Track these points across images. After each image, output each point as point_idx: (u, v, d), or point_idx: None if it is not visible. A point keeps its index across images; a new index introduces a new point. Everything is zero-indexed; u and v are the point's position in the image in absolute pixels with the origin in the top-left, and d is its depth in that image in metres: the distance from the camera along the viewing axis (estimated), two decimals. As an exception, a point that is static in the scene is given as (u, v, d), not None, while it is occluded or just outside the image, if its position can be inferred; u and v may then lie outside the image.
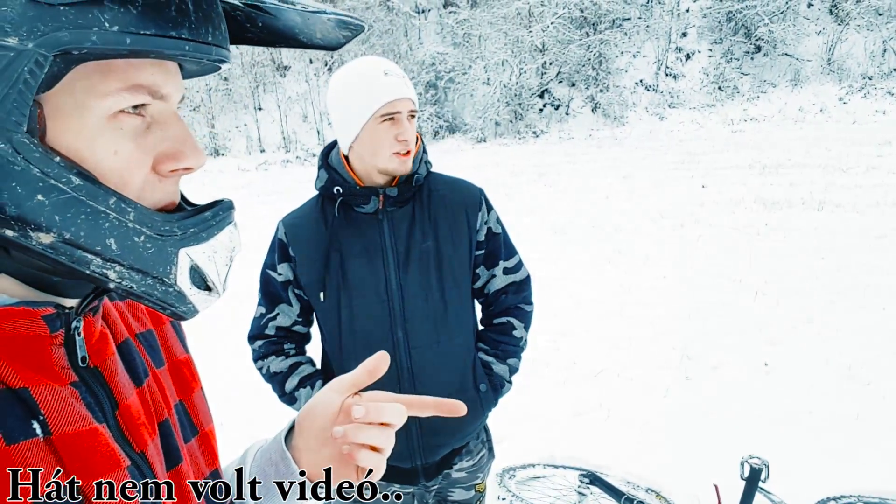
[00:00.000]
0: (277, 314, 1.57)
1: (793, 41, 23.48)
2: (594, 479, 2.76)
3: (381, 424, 0.65)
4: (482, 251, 1.58)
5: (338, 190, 1.47)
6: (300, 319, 1.58)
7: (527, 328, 1.65)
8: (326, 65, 25.71)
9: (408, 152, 1.43)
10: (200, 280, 0.53)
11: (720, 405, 3.65)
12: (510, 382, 1.62)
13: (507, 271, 1.62)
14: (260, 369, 1.59)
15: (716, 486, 2.07)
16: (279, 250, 1.53)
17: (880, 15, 22.98)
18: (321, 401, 0.69)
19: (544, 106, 23.91)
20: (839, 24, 23.27)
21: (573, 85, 24.31)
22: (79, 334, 0.52)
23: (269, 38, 0.59)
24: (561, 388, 3.94)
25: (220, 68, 0.56)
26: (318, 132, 23.70)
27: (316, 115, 23.82)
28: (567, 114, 23.67)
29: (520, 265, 1.66)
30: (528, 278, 1.67)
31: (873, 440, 3.20)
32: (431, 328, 1.48)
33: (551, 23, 23.24)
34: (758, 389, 3.81)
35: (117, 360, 0.57)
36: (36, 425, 0.47)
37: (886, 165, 11.22)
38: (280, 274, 1.54)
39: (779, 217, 8.23)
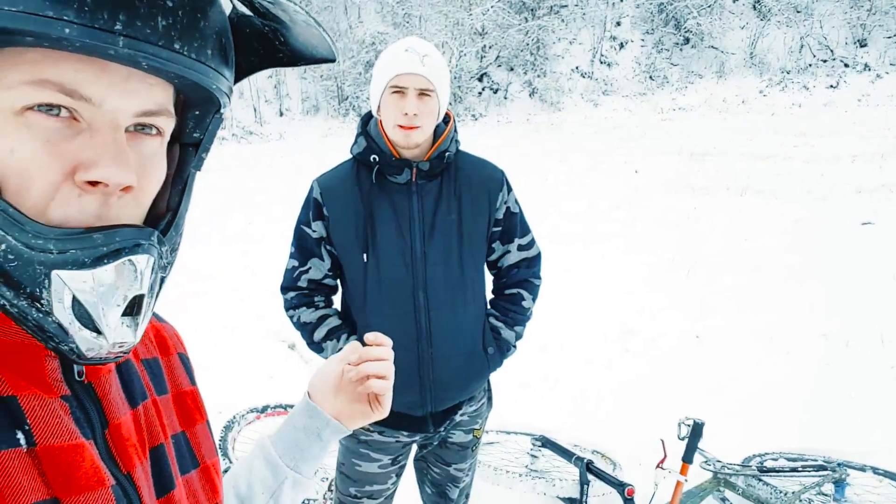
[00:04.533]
0: (310, 268, 1.66)
1: (719, 34, 24.55)
2: (545, 443, 2.92)
3: (378, 360, 0.82)
4: (499, 228, 1.70)
5: (374, 159, 1.56)
6: (330, 273, 1.67)
7: (534, 300, 1.78)
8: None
9: (412, 127, 1.51)
10: (85, 316, 0.46)
11: (657, 374, 3.90)
12: (515, 347, 1.75)
13: (521, 248, 1.75)
14: (291, 318, 1.69)
15: (662, 441, 2.26)
16: (314, 208, 1.62)
17: (798, 12, 24.34)
18: (327, 369, 0.85)
19: (483, 89, 24.10)
20: (761, 20, 24.48)
21: (512, 69, 24.60)
22: None
23: (291, 54, 0.58)
24: (509, 361, 4.09)
25: (220, 91, 0.51)
26: (255, 109, 23.03)
27: (252, 92, 23.14)
28: (505, 98, 23.96)
29: (532, 243, 1.78)
30: (539, 255, 1.79)
31: (793, 403, 3.51)
32: (449, 294, 1.60)
33: (491, 7, 23.36)
34: (691, 359, 4.09)
35: (113, 379, 0.56)
36: (20, 435, 0.46)
37: (801, 155, 12.01)
38: (314, 231, 1.62)
39: (706, 201, 8.70)
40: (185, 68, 0.46)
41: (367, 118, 1.66)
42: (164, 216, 0.54)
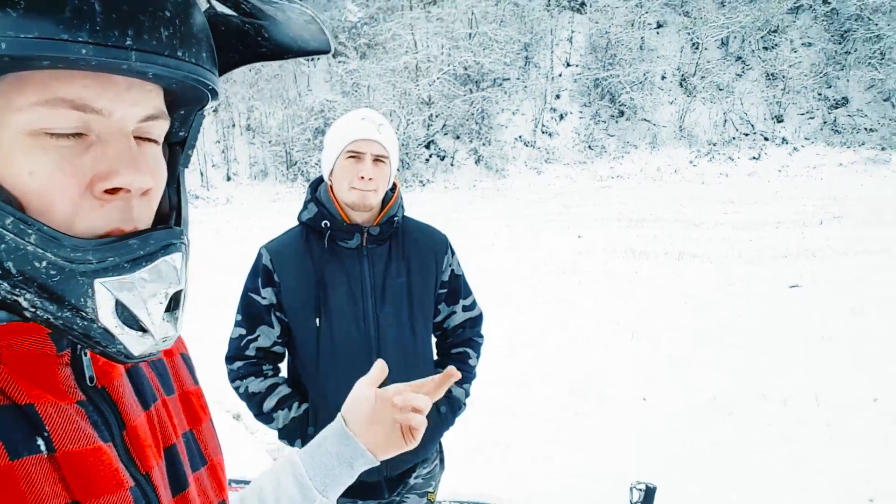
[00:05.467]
0: (258, 335, 1.64)
1: (650, 108, 26.16)
2: (499, 513, 2.88)
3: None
4: (445, 290, 1.75)
5: (326, 224, 1.59)
6: (279, 340, 1.65)
7: (478, 358, 1.81)
8: (214, 109, 24.98)
9: (369, 190, 1.56)
10: (131, 318, 0.48)
11: (607, 437, 3.93)
12: (465, 405, 1.76)
13: (465, 308, 1.80)
14: (237, 389, 1.65)
15: (615, 507, 2.26)
16: (263, 275, 1.62)
17: (721, 90, 26.25)
18: (360, 395, 0.86)
19: (430, 156, 24.69)
20: (688, 96, 26.26)
21: (458, 137, 25.37)
22: (85, 354, 0.52)
23: (276, 49, 0.59)
24: (461, 426, 4.05)
25: (201, 84, 0.51)
26: (202, 173, 22.79)
27: (199, 156, 22.94)
28: (452, 164, 24.58)
29: (475, 303, 1.83)
30: (481, 315, 1.85)
31: (738, 463, 3.59)
32: (402, 355, 1.61)
33: (437, 78, 24.28)
34: (639, 421, 4.15)
35: (125, 382, 0.57)
36: (40, 441, 0.47)
37: (732, 221, 12.70)
38: (264, 297, 1.62)
39: (647, 265, 9.03)
40: (188, 74, 0.48)
41: (315, 185, 1.69)
42: (170, 215, 0.56)
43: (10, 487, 0.44)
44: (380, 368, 0.87)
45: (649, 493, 2.23)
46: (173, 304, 0.51)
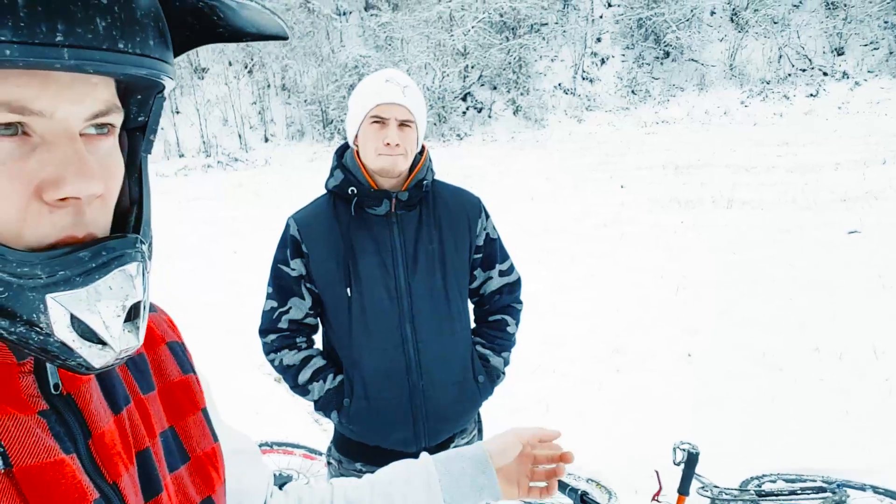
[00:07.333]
0: (290, 308, 1.63)
1: (698, 47, 24.88)
2: (537, 474, 2.84)
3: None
4: (480, 255, 1.71)
5: (352, 191, 1.55)
6: (311, 312, 1.64)
7: (517, 325, 1.77)
8: (246, 67, 25.00)
9: (396, 155, 1.51)
10: (88, 332, 0.46)
11: (650, 395, 3.83)
12: (504, 374, 1.74)
13: (501, 273, 1.75)
14: (272, 361, 1.65)
15: (657, 472, 2.20)
16: (291, 246, 1.59)
17: (775, 23, 24.71)
18: (511, 445, 0.92)
19: (467, 109, 24.22)
20: (739, 32, 24.84)
21: (495, 88, 24.75)
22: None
23: (233, 31, 0.55)
24: (500, 386, 4.02)
25: (165, 77, 0.49)
26: (240, 136, 22.97)
27: (237, 119, 23.08)
28: (490, 116, 24.07)
29: (512, 268, 1.77)
30: (519, 280, 1.79)
31: (788, 420, 3.45)
32: (436, 324, 1.58)
33: (472, 27, 23.57)
34: (683, 378, 4.03)
35: (94, 388, 0.55)
36: None
37: (785, 164, 12.09)
38: (293, 269, 1.60)
39: (693, 215, 8.71)
40: (132, 66, 0.45)
41: (341, 151, 1.65)
42: (131, 211, 0.53)
43: None
44: (539, 440, 0.93)
45: (692, 458, 2.13)
46: (132, 314, 0.49)
